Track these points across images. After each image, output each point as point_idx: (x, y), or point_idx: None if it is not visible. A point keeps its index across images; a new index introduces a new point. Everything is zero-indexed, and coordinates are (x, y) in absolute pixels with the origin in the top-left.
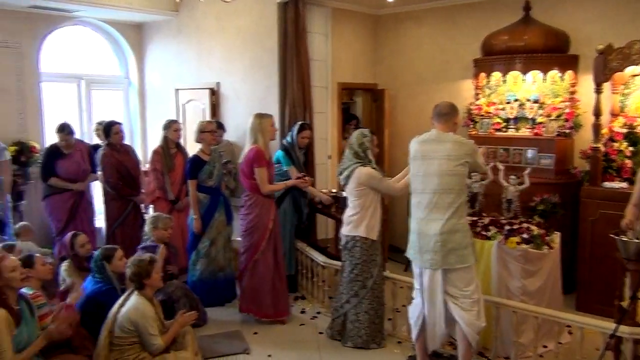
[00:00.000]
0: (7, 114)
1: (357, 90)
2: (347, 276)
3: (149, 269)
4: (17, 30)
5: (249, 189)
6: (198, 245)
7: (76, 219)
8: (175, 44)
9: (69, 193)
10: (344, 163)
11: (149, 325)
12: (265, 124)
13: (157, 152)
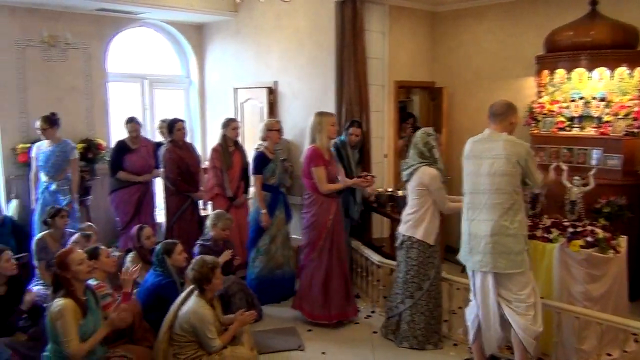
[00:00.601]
0: (76, 112)
1: (414, 89)
2: (402, 277)
3: (210, 275)
4: (85, 32)
5: (308, 187)
6: (258, 242)
7: (140, 213)
8: (234, 44)
9: (135, 187)
10: (408, 162)
11: (207, 330)
12: (326, 122)
13: (216, 150)
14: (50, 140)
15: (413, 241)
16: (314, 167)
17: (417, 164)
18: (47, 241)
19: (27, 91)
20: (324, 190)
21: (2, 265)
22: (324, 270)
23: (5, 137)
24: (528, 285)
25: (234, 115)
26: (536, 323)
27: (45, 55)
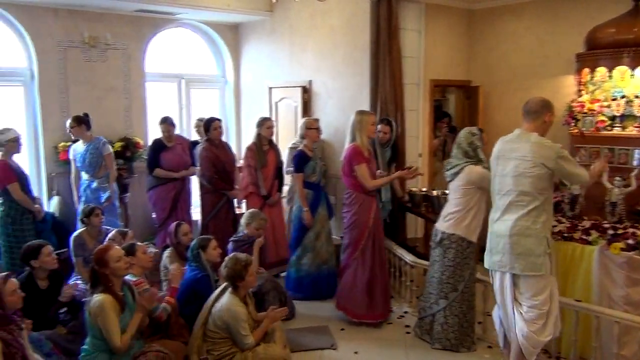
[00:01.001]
0: (115, 111)
1: (449, 87)
2: (437, 277)
3: (243, 272)
4: (125, 33)
5: (349, 186)
6: (303, 240)
7: (176, 210)
8: (269, 43)
9: (171, 185)
10: (452, 161)
11: (240, 327)
12: (366, 121)
13: (250, 149)
14: (82, 139)
15: (452, 240)
16: (356, 164)
17: (463, 164)
18: (84, 238)
19: (68, 91)
20: (370, 186)
21: (43, 260)
22: (367, 269)
23: (47, 135)
24: (545, 291)
25: (268, 115)
26: (543, 333)
27: (86, 56)
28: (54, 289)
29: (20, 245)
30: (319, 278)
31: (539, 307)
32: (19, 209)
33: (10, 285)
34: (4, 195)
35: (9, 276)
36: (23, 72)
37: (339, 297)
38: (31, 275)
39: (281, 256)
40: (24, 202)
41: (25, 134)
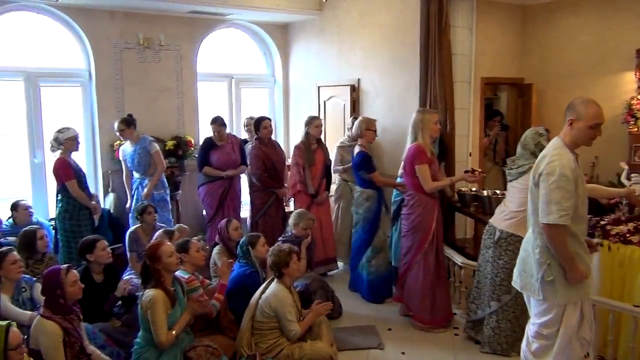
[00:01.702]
0: (168, 111)
1: (501, 85)
2: (490, 279)
3: (288, 259)
4: (178, 34)
5: (411, 187)
6: (373, 241)
7: (224, 207)
8: (317, 42)
9: (220, 182)
10: (518, 160)
11: (287, 312)
12: (428, 120)
13: (298, 148)
14: (130, 140)
15: (511, 242)
16: (418, 164)
17: (530, 164)
18: (138, 234)
19: (123, 91)
20: (429, 188)
21: (98, 254)
22: (430, 273)
23: (103, 134)
24: (546, 315)
25: (316, 113)
26: (541, 356)
27: (140, 57)
28: (108, 282)
29: (77, 240)
30: (389, 278)
31: (539, 329)
32: (77, 205)
33: (72, 277)
34: (63, 192)
35: (70, 268)
36: (81, 73)
37: (403, 300)
38: (87, 269)
39: (328, 255)
40: (81, 198)
41: (82, 133)
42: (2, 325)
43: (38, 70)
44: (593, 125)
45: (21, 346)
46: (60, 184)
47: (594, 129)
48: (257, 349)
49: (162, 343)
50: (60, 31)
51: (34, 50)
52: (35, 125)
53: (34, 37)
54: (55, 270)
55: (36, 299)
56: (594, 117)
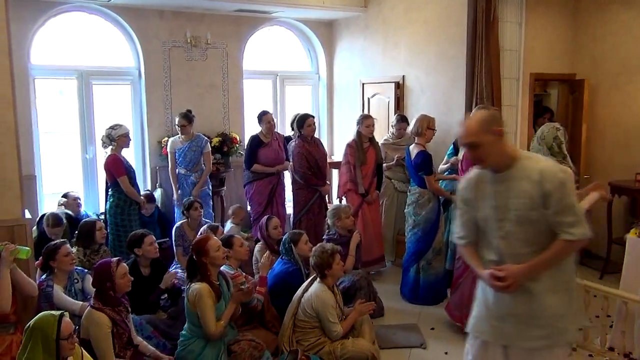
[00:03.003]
0: (214, 108)
1: (551, 82)
2: None
3: (330, 260)
4: (224, 32)
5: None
6: (432, 242)
7: (273, 204)
8: (362, 39)
9: (268, 179)
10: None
11: (329, 313)
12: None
13: (350, 146)
14: (186, 136)
15: None
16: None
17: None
18: (184, 229)
19: (171, 89)
20: None
21: (146, 249)
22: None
23: (152, 131)
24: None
25: (360, 111)
26: None
27: (188, 55)
28: (155, 276)
29: (127, 234)
30: (445, 280)
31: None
32: (127, 200)
33: (121, 269)
34: (114, 187)
35: (120, 261)
36: (131, 72)
37: (454, 307)
38: (135, 263)
39: (375, 255)
40: (132, 194)
41: (132, 130)
42: (55, 315)
43: (90, 69)
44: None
45: (73, 336)
46: (112, 179)
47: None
48: (298, 346)
49: (213, 334)
50: (111, 31)
51: (87, 50)
52: (87, 122)
53: (86, 37)
54: (106, 263)
55: (87, 290)
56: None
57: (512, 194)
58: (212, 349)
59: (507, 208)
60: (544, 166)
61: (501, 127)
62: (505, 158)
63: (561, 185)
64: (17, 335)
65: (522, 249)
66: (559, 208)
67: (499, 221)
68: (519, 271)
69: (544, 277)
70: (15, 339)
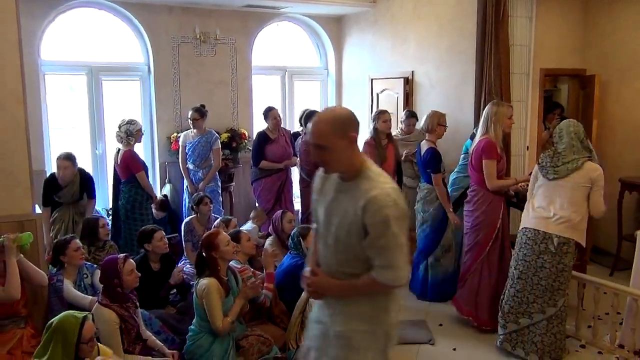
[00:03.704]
0: (222, 104)
1: (561, 77)
2: (547, 284)
3: None
4: (233, 28)
5: (477, 183)
6: (441, 240)
7: (281, 200)
8: (371, 34)
9: (276, 176)
10: (566, 155)
11: None
12: (502, 114)
13: (369, 144)
14: (197, 130)
15: (571, 244)
16: (485, 159)
17: (583, 158)
18: (194, 225)
19: (180, 84)
20: (493, 185)
21: (155, 244)
22: (494, 273)
23: (161, 126)
24: None
25: (369, 106)
26: None
27: (197, 51)
28: (165, 271)
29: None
30: (455, 278)
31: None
32: (144, 195)
33: (129, 265)
34: (131, 183)
35: (127, 257)
36: (140, 67)
37: (463, 302)
38: (145, 258)
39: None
40: (150, 189)
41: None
42: (78, 317)
43: (100, 65)
44: None
45: (93, 339)
46: (128, 175)
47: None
48: None
49: (219, 329)
50: (120, 27)
51: (96, 46)
52: (97, 118)
53: (96, 33)
54: (112, 260)
55: (97, 285)
56: None
57: (339, 209)
58: (220, 344)
59: (332, 221)
60: (376, 195)
61: (356, 132)
62: (351, 168)
63: (383, 222)
64: (28, 330)
65: (338, 266)
66: (373, 246)
67: (326, 229)
68: (325, 285)
69: (351, 301)
70: (25, 333)
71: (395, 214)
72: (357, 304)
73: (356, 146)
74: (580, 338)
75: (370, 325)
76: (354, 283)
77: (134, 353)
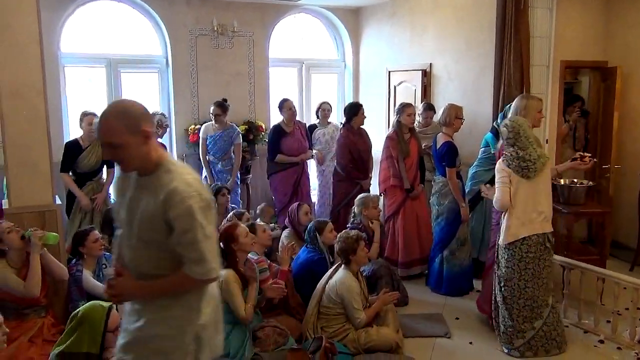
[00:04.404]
0: (240, 96)
1: (582, 69)
2: (547, 280)
3: (355, 246)
4: (250, 20)
5: None
6: (456, 233)
7: (298, 194)
8: (388, 26)
9: (293, 169)
10: (534, 150)
11: (354, 300)
12: (532, 107)
13: (391, 138)
14: (219, 125)
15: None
16: None
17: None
18: None
19: (198, 76)
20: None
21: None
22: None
23: (179, 118)
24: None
25: (386, 99)
26: None
27: (214, 43)
28: None
29: None
30: (471, 272)
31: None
32: None
33: None
34: None
35: None
36: (158, 60)
37: (484, 300)
38: None
39: (425, 253)
40: None
41: None
42: (105, 306)
43: (118, 57)
44: None
45: (118, 329)
46: None
47: None
48: (323, 333)
49: (243, 317)
50: (139, 19)
51: (115, 38)
52: None
53: (115, 25)
54: None
55: None
56: None
57: (139, 207)
58: (237, 334)
59: (134, 219)
60: (176, 186)
61: (151, 126)
62: (148, 163)
63: (187, 215)
64: (48, 319)
65: (145, 268)
66: (180, 241)
67: (129, 229)
68: (131, 287)
69: (159, 304)
70: (46, 321)
71: (200, 204)
72: (165, 306)
73: (152, 140)
74: (599, 333)
75: (177, 329)
76: (162, 282)
77: None
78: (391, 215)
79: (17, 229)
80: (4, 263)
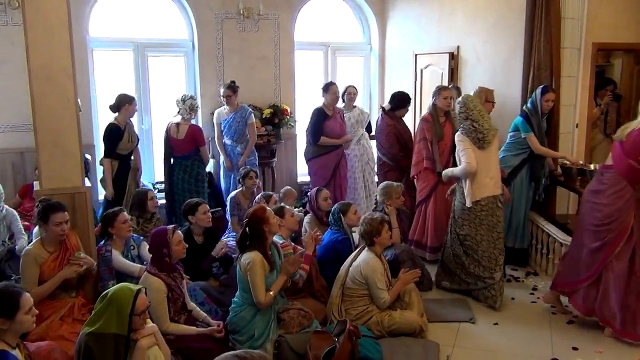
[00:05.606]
0: (266, 79)
1: (615, 52)
2: (498, 235)
3: (380, 227)
4: (276, 3)
5: (622, 172)
6: None
7: (336, 177)
8: (416, 8)
9: (334, 153)
10: (485, 122)
11: (377, 280)
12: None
13: (426, 120)
14: (231, 107)
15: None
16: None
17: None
18: (239, 199)
19: (224, 60)
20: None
21: (199, 217)
22: (624, 279)
23: (205, 102)
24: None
25: (412, 82)
26: None
27: (240, 26)
28: (208, 244)
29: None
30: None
31: None
32: (204, 166)
33: (177, 237)
34: (194, 157)
35: (176, 228)
36: (185, 43)
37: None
38: (189, 230)
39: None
40: (207, 161)
41: None
42: (133, 289)
43: (146, 41)
44: None
45: (145, 312)
46: (193, 148)
47: None
48: (347, 315)
49: (261, 303)
50: (165, 3)
51: (142, 22)
52: (143, 93)
53: (142, 10)
54: (162, 230)
55: (143, 257)
56: None
57: None
58: (262, 316)
59: None
60: None
61: None
62: None
63: None
64: (79, 299)
65: None
66: None
67: None
68: None
69: None
70: (77, 302)
71: None
72: None
73: None
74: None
75: None
76: None
77: (179, 322)
78: (423, 200)
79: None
80: (39, 244)
